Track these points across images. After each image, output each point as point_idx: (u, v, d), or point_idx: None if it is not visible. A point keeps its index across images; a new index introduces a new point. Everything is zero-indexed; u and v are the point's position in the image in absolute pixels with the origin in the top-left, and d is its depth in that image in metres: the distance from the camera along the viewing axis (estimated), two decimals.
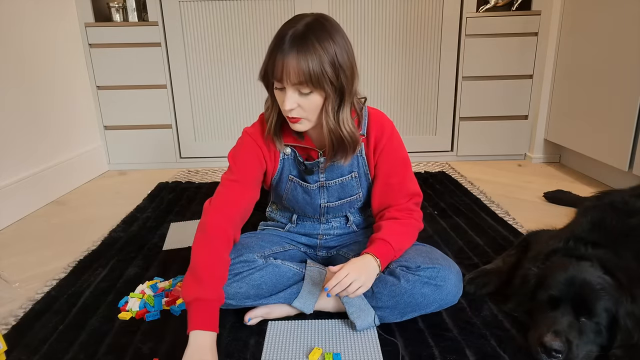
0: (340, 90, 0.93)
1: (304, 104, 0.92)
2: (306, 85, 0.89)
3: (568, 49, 2.17)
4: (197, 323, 0.87)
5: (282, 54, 0.88)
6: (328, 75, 0.89)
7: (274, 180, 1.12)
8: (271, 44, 0.92)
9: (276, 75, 0.90)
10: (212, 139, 2.52)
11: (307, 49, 0.87)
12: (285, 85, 0.90)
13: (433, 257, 1.03)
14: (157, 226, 1.67)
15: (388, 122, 1.09)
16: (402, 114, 2.47)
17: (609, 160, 1.91)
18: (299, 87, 0.90)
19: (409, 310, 1.00)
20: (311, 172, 1.09)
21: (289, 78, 0.88)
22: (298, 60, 0.87)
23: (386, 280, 1.00)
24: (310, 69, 0.87)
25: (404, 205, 1.08)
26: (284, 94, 0.92)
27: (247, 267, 1.01)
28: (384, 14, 2.32)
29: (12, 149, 1.83)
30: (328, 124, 0.95)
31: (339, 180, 1.10)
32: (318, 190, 1.11)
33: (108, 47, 2.33)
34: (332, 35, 0.91)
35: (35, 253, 1.51)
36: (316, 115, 0.95)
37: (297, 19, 0.92)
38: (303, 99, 0.92)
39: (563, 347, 0.86)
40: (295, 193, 1.12)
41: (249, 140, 1.07)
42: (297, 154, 1.08)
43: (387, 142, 1.07)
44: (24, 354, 0.97)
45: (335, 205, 1.14)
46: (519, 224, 1.61)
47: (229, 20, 2.32)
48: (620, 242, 1.04)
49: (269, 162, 1.08)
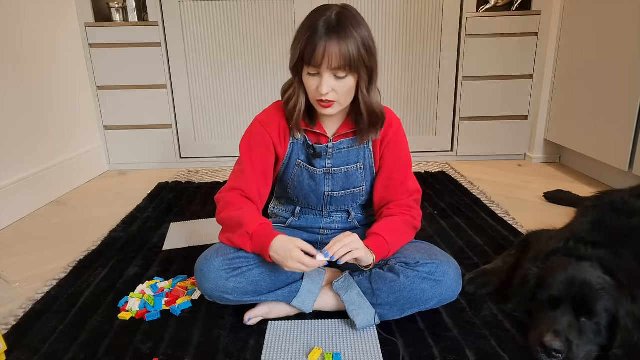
0: (370, 71, 1.00)
1: (338, 88, 0.97)
2: (344, 69, 0.94)
3: (568, 49, 2.17)
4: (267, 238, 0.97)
5: (323, 41, 0.92)
6: (363, 58, 0.96)
7: (283, 165, 1.14)
8: (302, 34, 0.96)
9: (316, 61, 0.94)
10: (212, 139, 2.52)
11: (346, 35, 0.93)
12: (323, 70, 0.94)
13: (432, 253, 1.04)
14: (157, 226, 1.67)
15: (396, 118, 1.14)
16: (402, 114, 2.47)
17: (609, 160, 1.91)
18: (336, 71, 0.95)
19: (409, 307, 1.00)
20: (319, 155, 1.11)
21: (331, 63, 0.93)
22: (340, 46, 0.92)
23: (385, 276, 1.01)
24: (350, 53, 0.93)
25: (404, 202, 1.11)
26: (318, 79, 0.96)
27: (246, 262, 1.01)
28: (384, 14, 2.32)
29: (12, 149, 1.83)
30: (364, 101, 1.02)
31: (345, 168, 1.12)
32: (324, 177, 1.13)
33: (108, 47, 2.33)
34: (360, 21, 0.97)
35: (35, 253, 1.51)
36: (347, 98, 1.01)
37: (325, 9, 0.97)
38: (338, 82, 0.96)
39: (563, 347, 0.86)
40: (301, 179, 1.14)
41: (258, 128, 1.10)
42: (306, 138, 1.11)
43: (394, 136, 1.11)
44: (24, 354, 0.97)
45: (339, 195, 1.15)
46: (519, 224, 1.61)
47: (229, 20, 2.32)
48: (620, 242, 1.04)
49: (279, 147, 1.11)
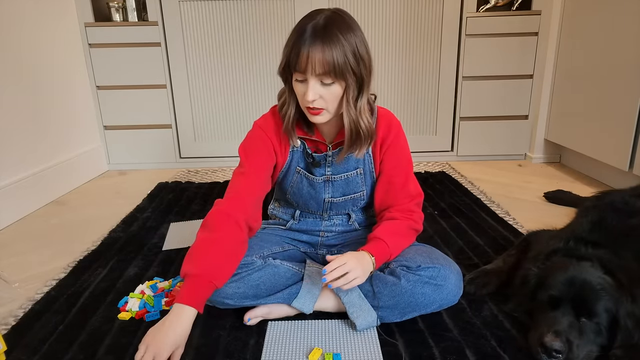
0: (360, 81, 0.96)
1: (325, 95, 0.94)
2: (329, 75, 0.92)
3: (568, 49, 2.17)
4: (180, 297, 0.89)
5: (307, 46, 0.90)
6: (350, 65, 0.92)
7: (282, 172, 1.13)
8: (291, 38, 0.94)
9: (300, 67, 0.92)
10: (212, 139, 2.51)
11: (331, 40, 0.90)
12: (309, 76, 0.92)
13: (433, 257, 1.03)
14: (157, 226, 1.67)
15: (396, 121, 1.10)
16: (402, 114, 2.47)
17: (609, 160, 1.91)
18: (322, 77, 0.92)
19: (409, 310, 1.00)
20: (318, 164, 1.10)
21: (314, 69, 0.90)
22: (323, 51, 0.89)
23: (387, 280, 1.00)
24: (334, 59, 0.90)
25: (405, 206, 1.09)
26: (305, 85, 0.94)
27: (245, 269, 1.02)
28: (384, 14, 2.32)
29: (12, 148, 1.83)
30: (349, 113, 0.97)
31: (345, 175, 1.11)
32: (323, 184, 1.12)
33: (108, 47, 2.33)
34: (352, 27, 0.94)
35: (35, 253, 1.51)
36: (336, 106, 0.97)
37: (316, 13, 0.94)
38: (325, 89, 0.94)
39: (563, 348, 0.86)
40: (301, 186, 1.13)
41: (260, 132, 1.08)
42: (306, 146, 1.09)
43: (394, 140, 1.08)
44: (24, 354, 0.97)
45: (339, 201, 1.14)
46: (519, 224, 1.60)
47: (229, 20, 2.32)
48: (621, 242, 1.04)
49: (279, 155, 1.09)
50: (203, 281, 0.91)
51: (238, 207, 1.01)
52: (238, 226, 0.99)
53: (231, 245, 0.97)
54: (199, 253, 0.94)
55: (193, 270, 0.91)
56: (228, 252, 0.96)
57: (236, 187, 1.05)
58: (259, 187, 1.07)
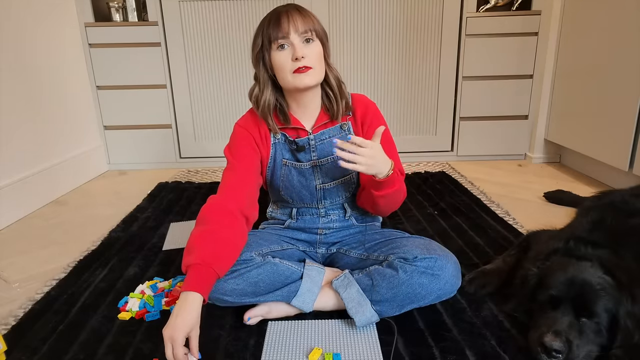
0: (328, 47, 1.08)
1: (309, 54, 1.01)
2: (311, 32, 1.02)
3: (568, 49, 2.17)
4: (185, 286, 0.90)
5: (285, 13, 1.01)
6: (323, 30, 1.06)
7: (269, 168, 1.15)
8: (263, 22, 1.04)
9: (283, 31, 1.00)
10: (212, 138, 2.51)
11: (305, 10, 1.04)
12: (292, 36, 1.00)
13: (430, 248, 1.04)
14: (157, 226, 1.67)
15: (371, 102, 1.18)
16: (402, 114, 2.47)
17: (609, 160, 1.91)
18: (304, 35, 1.01)
19: (408, 302, 1.00)
20: (303, 148, 1.13)
21: (297, 28, 1.00)
22: (302, 16, 1.02)
23: (384, 272, 1.01)
24: (312, 21, 1.03)
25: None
26: (289, 50, 1.01)
27: (244, 265, 1.02)
28: (384, 14, 2.31)
29: (12, 149, 1.83)
30: (332, 70, 1.09)
31: (331, 157, 1.12)
32: (312, 170, 1.14)
33: (108, 47, 2.33)
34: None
35: (35, 253, 1.51)
36: (320, 64, 1.05)
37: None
38: (308, 48, 1.02)
39: (563, 347, 0.86)
40: (290, 177, 1.15)
41: (240, 130, 1.14)
42: (287, 136, 1.12)
43: (374, 118, 1.14)
44: (24, 354, 0.97)
45: (331, 186, 1.15)
46: (519, 224, 1.60)
47: (229, 20, 2.32)
48: (621, 242, 1.04)
49: (262, 148, 1.13)
50: (205, 269, 0.92)
51: (230, 198, 1.05)
52: (233, 215, 1.01)
53: (228, 233, 0.99)
54: (197, 245, 0.95)
55: (194, 260, 0.92)
56: (226, 241, 0.98)
57: (226, 182, 1.08)
58: (250, 180, 1.10)
